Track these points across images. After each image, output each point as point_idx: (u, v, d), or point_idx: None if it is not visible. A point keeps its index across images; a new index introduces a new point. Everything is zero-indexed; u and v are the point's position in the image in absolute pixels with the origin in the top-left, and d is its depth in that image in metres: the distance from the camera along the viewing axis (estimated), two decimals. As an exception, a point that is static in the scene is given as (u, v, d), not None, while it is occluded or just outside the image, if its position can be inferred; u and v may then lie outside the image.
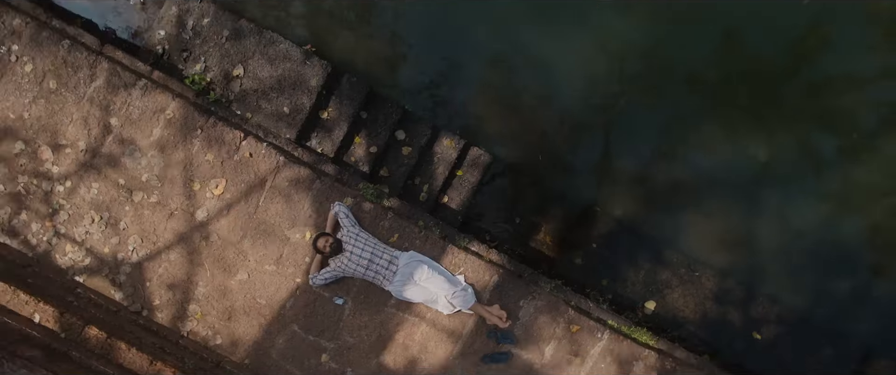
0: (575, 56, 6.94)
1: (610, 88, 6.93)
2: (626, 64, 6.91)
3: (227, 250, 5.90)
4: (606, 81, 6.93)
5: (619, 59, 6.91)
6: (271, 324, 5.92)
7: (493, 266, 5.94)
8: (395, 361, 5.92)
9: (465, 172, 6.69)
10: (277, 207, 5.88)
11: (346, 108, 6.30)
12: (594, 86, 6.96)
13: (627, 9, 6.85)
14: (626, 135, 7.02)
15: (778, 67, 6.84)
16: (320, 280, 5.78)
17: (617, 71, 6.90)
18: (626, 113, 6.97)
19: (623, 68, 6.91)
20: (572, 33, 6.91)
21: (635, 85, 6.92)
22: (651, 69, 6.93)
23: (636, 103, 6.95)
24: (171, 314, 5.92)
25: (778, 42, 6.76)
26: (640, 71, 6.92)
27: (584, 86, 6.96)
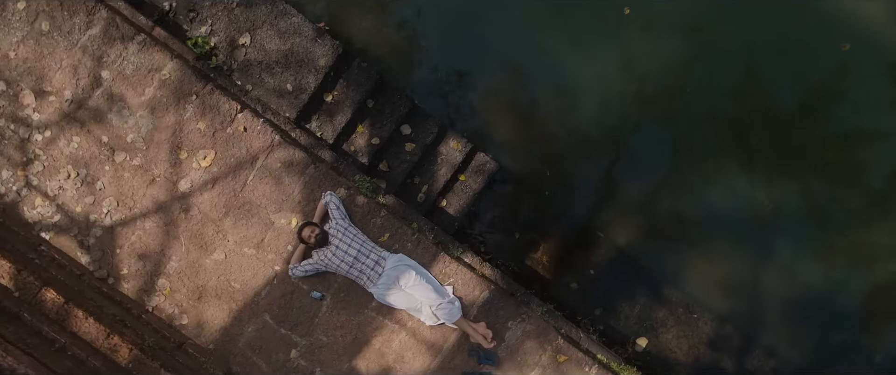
0: (595, 72, 6.56)
1: (624, 110, 6.56)
2: (644, 86, 6.54)
3: (207, 226, 5.48)
4: (622, 102, 6.56)
5: (638, 81, 6.55)
6: (243, 311, 5.49)
7: (485, 280, 5.52)
8: (368, 367, 5.50)
9: (469, 178, 6.27)
10: (265, 188, 5.46)
11: (352, 94, 5.88)
12: (610, 106, 6.57)
13: (655, 30, 6.48)
14: (636, 160, 6.64)
15: (794, 112, 6.53)
16: (300, 271, 5.36)
17: (634, 93, 6.53)
18: (638, 137, 6.61)
19: (640, 90, 6.54)
20: (596, 48, 6.52)
21: (650, 109, 6.56)
22: (668, 95, 6.58)
23: (648, 128, 6.59)
24: (138, 285, 5.49)
25: (798, 86, 6.46)
26: (656, 95, 6.56)
27: (599, 104, 6.58)
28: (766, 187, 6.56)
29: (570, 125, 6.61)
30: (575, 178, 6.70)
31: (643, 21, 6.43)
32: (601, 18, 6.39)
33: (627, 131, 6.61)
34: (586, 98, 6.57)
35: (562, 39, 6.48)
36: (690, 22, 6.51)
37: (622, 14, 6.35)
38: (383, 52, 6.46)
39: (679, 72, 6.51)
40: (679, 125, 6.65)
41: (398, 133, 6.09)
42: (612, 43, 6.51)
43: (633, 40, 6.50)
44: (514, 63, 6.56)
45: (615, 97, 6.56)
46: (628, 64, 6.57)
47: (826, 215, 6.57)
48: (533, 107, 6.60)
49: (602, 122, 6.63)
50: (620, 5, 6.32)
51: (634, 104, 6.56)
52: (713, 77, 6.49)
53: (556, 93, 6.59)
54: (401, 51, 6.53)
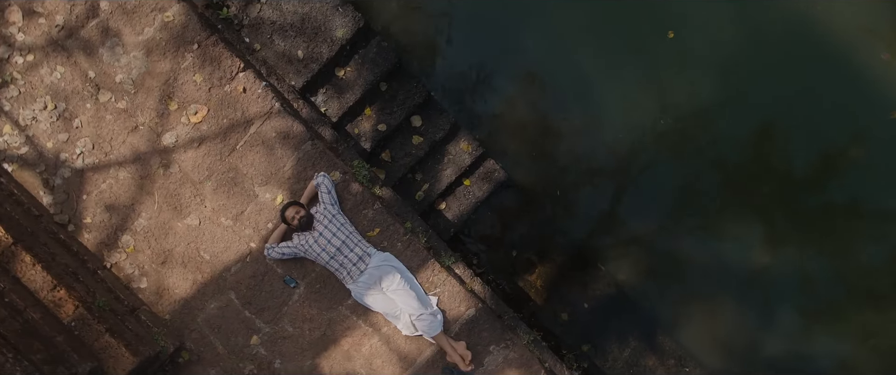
0: (622, 95, 6.06)
1: (641, 141, 6.08)
2: (665, 120, 6.07)
3: (185, 187, 4.96)
4: (641, 132, 6.08)
5: (660, 112, 6.06)
6: (208, 285, 4.97)
7: (474, 297, 5.01)
8: (332, 368, 4.98)
9: (474, 183, 5.77)
10: (255, 157, 4.94)
11: (366, 73, 5.36)
12: (628, 134, 6.09)
13: (693, 61, 5.98)
14: (641, 195, 6.17)
15: (805, 176, 6.09)
16: (277, 253, 4.85)
17: (653, 125, 6.06)
18: (648, 172, 6.14)
19: (660, 124, 6.06)
20: (629, 70, 6.03)
21: (664, 145, 6.08)
22: (685, 135, 6.10)
23: (659, 164, 6.13)
24: (99, 238, 4.96)
25: (813, 150, 6.03)
26: (674, 132, 6.08)
27: (620, 129, 6.09)
28: (763, 245, 6.19)
29: (586, 147, 6.13)
30: (583, 204, 6.21)
31: (683, 49, 5.94)
32: (642, 39, 5.89)
33: (639, 164, 6.14)
34: (608, 121, 6.08)
35: (596, 55, 5.98)
36: (729, 60, 6.04)
37: (665, 38, 5.86)
38: (406, 36, 5.94)
39: (702, 112, 6.05)
40: (689, 167, 6.20)
41: (407, 123, 5.58)
42: (646, 67, 6.02)
43: (668, 67, 6.01)
44: (541, 72, 6.05)
45: (635, 125, 6.09)
46: (657, 92, 6.09)
47: (818, 284, 6.18)
48: (552, 122, 6.10)
49: (617, 150, 6.14)
50: (666, 29, 5.83)
51: (651, 136, 6.09)
52: (734, 125, 6.05)
53: (579, 111, 6.10)
54: (425, 38, 6.01)
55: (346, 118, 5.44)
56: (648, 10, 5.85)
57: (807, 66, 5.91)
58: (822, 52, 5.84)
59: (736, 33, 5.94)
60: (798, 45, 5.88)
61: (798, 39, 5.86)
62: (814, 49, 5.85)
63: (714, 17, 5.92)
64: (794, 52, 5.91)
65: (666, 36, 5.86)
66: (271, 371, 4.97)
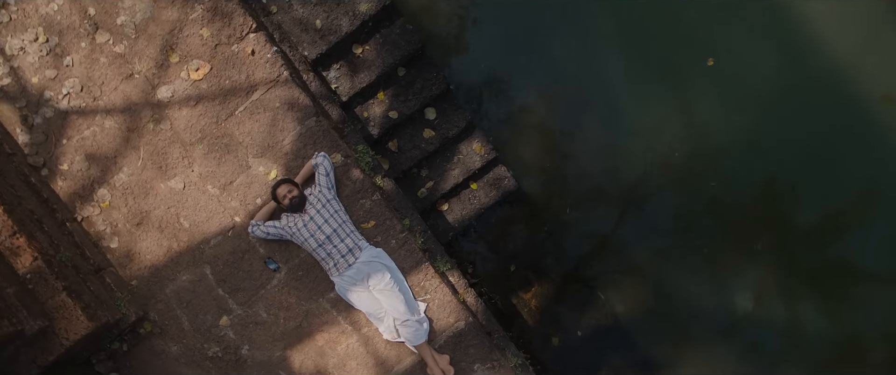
0: (649, 118, 5.66)
1: (654, 167, 5.70)
2: (679, 151, 5.71)
3: (174, 147, 4.54)
4: (655, 159, 5.70)
5: (678, 142, 5.69)
6: (183, 255, 4.55)
7: (465, 309, 4.60)
8: (303, 363, 4.56)
9: (481, 188, 5.36)
10: (254, 126, 4.52)
11: (385, 54, 4.96)
12: (644, 159, 5.70)
13: (728, 93, 5.60)
14: (649, 225, 5.78)
15: (807, 229, 5.75)
16: (261, 231, 4.43)
17: (668, 153, 5.68)
18: (656, 201, 5.75)
19: (673, 155, 5.68)
20: (660, 93, 5.63)
21: (674, 175, 5.71)
22: (697, 170, 5.71)
23: (666, 194, 5.75)
24: (73, 187, 4.54)
25: (820, 205, 5.70)
26: (688, 164, 5.70)
27: (636, 154, 5.70)
28: (753, 294, 5.85)
29: (601, 168, 5.73)
30: (589, 226, 5.79)
31: (721, 79, 5.55)
32: (681, 63, 5.50)
33: (648, 193, 5.75)
34: (627, 144, 5.69)
35: (627, 73, 5.59)
36: (757, 100, 5.67)
37: (704, 65, 5.47)
38: (433, 23, 5.53)
39: (717, 148, 5.69)
40: (695, 203, 5.83)
41: (421, 114, 5.17)
42: (680, 92, 5.63)
43: (701, 96, 5.62)
44: (567, 84, 5.66)
45: (652, 152, 5.71)
46: (684, 120, 5.71)
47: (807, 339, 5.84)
48: (570, 136, 5.70)
49: (631, 175, 5.75)
50: (706, 56, 5.44)
51: (663, 166, 5.71)
52: (744, 166, 5.69)
53: (600, 129, 5.70)
54: (452, 29, 5.60)
55: (357, 99, 5.03)
56: (692, 34, 5.46)
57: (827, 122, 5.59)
58: (844, 111, 5.56)
59: (771, 75, 5.59)
60: (823, 99, 5.57)
61: (824, 95, 5.57)
62: (837, 106, 5.57)
63: (757, 54, 5.56)
64: (819, 106, 5.60)
65: (705, 63, 5.47)
66: (237, 356, 4.55)
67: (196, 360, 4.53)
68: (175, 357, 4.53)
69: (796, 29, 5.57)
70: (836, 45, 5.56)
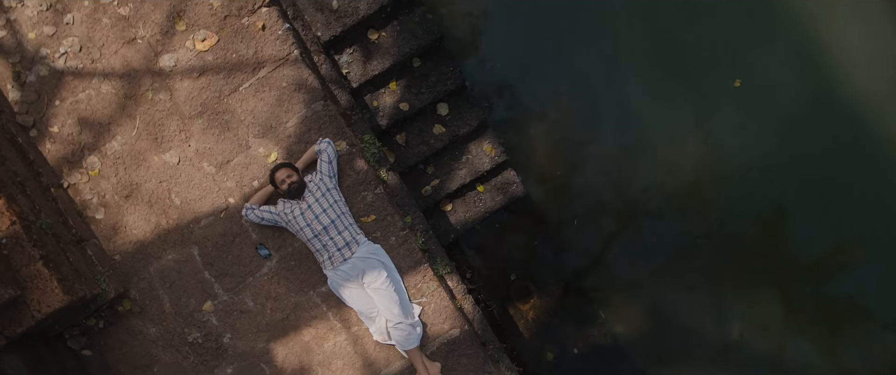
0: (663, 137, 5.43)
1: (667, 185, 5.47)
2: (691, 168, 5.46)
3: (172, 119, 4.28)
4: (667, 178, 5.48)
5: (692, 161, 5.46)
6: (171, 232, 4.29)
7: (461, 317, 4.34)
8: (286, 358, 4.31)
9: (487, 192, 5.11)
10: (257, 105, 4.27)
11: (402, 43, 4.70)
12: (656, 177, 5.47)
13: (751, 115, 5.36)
14: (656, 245, 5.55)
15: (809, 263, 5.53)
16: (255, 216, 4.17)
17: (679, 171, 5.45)
18: (664, 221, 5.53)
19: (684, 171, 5.45)
20: (681, 111, 5.39)
21: (679, 195, 5.49)
22: (703, 192, 5.50)
23: (671, 213, 5.54)
24: (62, 152, 4.28)
25: (820, 240, 5.48)
26: (693, 183, 5.48)
27: (650, 172, 5.47)
28: (744, 322, 5.65)
29: (613, 182, 5.49)
30: (595, 241, 5.54)
31: (745, 102, 5.31)
32: (707, 80, 5.25)
33: (658, 211, 5.52)
34: (642, 160, 5.45)
35: (650, 87, 5.35)
36: (786, 126, 5.44)
37: (731, 85, 5.23)
38: (454, 16, 5.29)
39: (735, 173, 5.45)
40: (701, 226, 5.60)
41: (433, 109, 4.92)
42: (701, 110, 5.38)
43: (722, 117, 5.38)
44: (587, 92, 5.41)
45: (667, 169, 5.48)
46: (701, 139, 5.47)
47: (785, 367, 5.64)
48: (584, 147, 5.46)
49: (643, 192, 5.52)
50: (735, 76, 5.21)
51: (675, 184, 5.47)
52: (756, 196, 5.47)
53: (616, 142, 5.45)
54: (474, 24, 5.36)
55: (368, 87, 4.77)
56: (723, 52, 5.23)
57: (842, 158, 5.38)
58: (861, 149, 5.35)
59: (795, 105, 5.37)
60: (842, 136, 5.36)
61: (844, 131, 5.35)
62: (855, 145, 5.36)
63: (785, 82, 5.32)
64: (836, 142, 5.39)
65: (732, 83, 5.23)
66: (218, 344, 4.29)
67: (175, 345, 4.28)
68: (153, 340, 4.28)
69: (828, 61, 5.36)
70: (863, 83, 5.36)
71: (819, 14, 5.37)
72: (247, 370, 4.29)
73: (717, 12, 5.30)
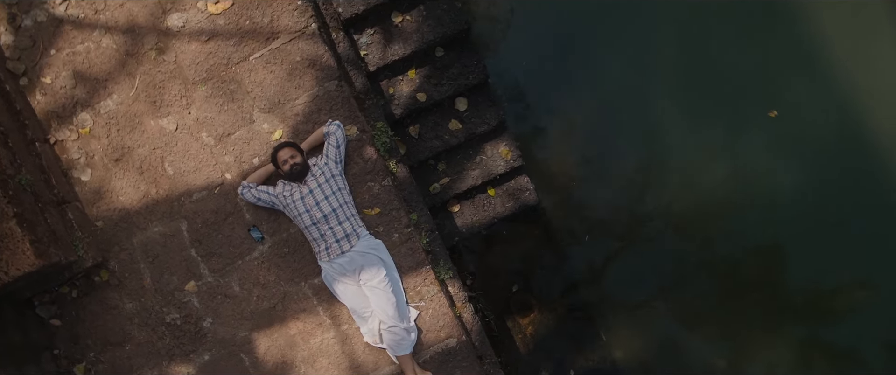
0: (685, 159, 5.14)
1: (681, 206, 5.18)
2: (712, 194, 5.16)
3: (174, 83, 3.97)
4: (683, 199, 5.19)
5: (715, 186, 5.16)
6: (160, 204, 3.97)
7: (459, 326, 4.03)
8: (268, 350, 3.99)
9: (498, 196, 4.80)
10: (266, 77, 3.95)
11: (426, 30, 4.39)
12: (675, 199, 5.18)
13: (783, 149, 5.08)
14: (661, 267, 5.24)
15: (800, 303, 5.25)
16: (252, 195, 3.86)
17: (699, 196, 5.17)
18: (674, 244, 5.22)
19: (704, 196, 5.17)
20: (709, 137, 5.11)
21: (684, 221, 5.19)
22: (713, 218, 5.21)
23: (687, 238, 5.23)
24: (52, 105, 3.96)
25: (815, 281, 5.20)
26: (704, 211, 5.18)
27: (668, 194, 5.18)
28: (731, 354, 5.35)
29: (629, 200, 5.19)
30: (605, 260, 5.25)
31: (778, 133, 5.02)
32: (740, 109, 4.96)
33: (667, 233, 5.22)
34: (662, 179, 5.16)
35: (680, 107, 5.05)
36: (815, 164, 5.15)
37: (765, 115, 4.94)
38: (485, 8, 4.98)
39: (756, 203, 5.16)
40: (709, 253, 5.32)
41: (451, 103, 4.60)
42: (731, 136, 5.09)
43: (751, 145, 5.09)
44: (613, 105, 5.10)
45: (689, 193, 5.18)
46: (726, 165, 5.17)
47: None
48: (604, 162, 5.15)
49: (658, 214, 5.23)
50: (772, 105, 4.92)
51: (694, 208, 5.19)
52: (770, 229, 5.17)
53: (637, 159, 5.15)
54: (503, 20, 5.06)
55: (385, 72, 4.46)
56: (764, 80, 4.94)
57: (861, 204, 5.10)
58: (882, 196, 5.09)
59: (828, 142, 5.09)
60: (867, 183, 5.09)
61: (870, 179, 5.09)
62: (877, 193, 5.10)
63: (822, 118, 5.04)
64: (859, 188, 5.12)
65: (767, 113, 4.94)
66: (197, 328, 3.97)
67: (150, 324, 3.95)
68: (128, 316, 3.95)
69: (862, 104, 5.08)
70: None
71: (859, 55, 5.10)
72: (225, 358, 3.97)
73: (759, 39, 5.01)
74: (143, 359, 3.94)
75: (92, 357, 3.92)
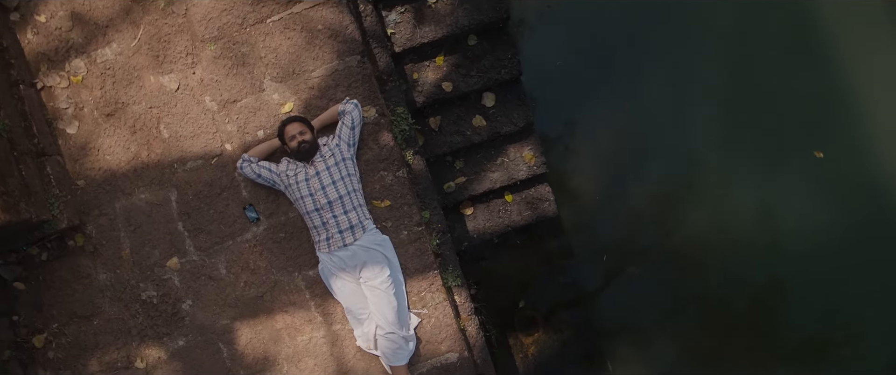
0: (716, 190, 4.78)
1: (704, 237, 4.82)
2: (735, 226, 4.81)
3: (181, 38, 3.57)
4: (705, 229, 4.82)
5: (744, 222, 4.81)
6: (150, 168, 3.57)
7: (462, 340, 3.63)
8: (250, 343, 3.58)
9: (516, 203, 4.40)
10: (283, 43, 3.56)
11: (462, 14, 4.00)
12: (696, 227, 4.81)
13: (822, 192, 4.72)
14: (678, 298, 4.89)
15: (792, 346, 4.92)
16: (251, 170, 3.46)
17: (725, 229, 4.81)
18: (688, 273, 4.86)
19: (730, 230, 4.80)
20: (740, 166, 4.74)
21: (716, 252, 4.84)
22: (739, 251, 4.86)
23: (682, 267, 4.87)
24: (44, 46, 3.55)
25: (808, 325, 4.88)
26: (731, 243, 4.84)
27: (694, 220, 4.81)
28: None
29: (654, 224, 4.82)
30: (620, 284, 4.86)
31: (820, 175, 4.66)
32: (788, 143, 4.60)
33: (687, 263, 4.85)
34: (693, 207, 4.78)
35: (720, 136, 4.70)
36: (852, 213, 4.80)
37: (810, 155, 4.57)
38: (525, 2, 4.61)
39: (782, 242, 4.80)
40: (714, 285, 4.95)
41: (478, 97, 4.21)
42: (769, 173, 4.72)
43: (790, 185, 4.72)
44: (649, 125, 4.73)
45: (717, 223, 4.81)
46: (758, 202, 4.80)
47: None
48: (631, 182, 4.77)
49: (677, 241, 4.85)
50: (819, 146, 4.56)
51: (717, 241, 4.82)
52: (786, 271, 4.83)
53: (666, 182, 4.78)
54: (545, 14, 4.68)
55: (411, 55, 4.06)
56: (810, 117, 4.59)
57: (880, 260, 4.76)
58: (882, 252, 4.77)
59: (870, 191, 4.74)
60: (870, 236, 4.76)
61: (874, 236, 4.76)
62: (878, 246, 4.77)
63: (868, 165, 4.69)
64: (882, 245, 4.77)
65: (812, 153, 4.58)
66: (175, 310, 3.56)
67: (124, 299, 3.55)
68: (100, 288, 3.54)
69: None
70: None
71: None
72: (201, 346, 3.56)
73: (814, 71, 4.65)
74: (111, 337, 3.53)
75: (54, 329, 3.51)
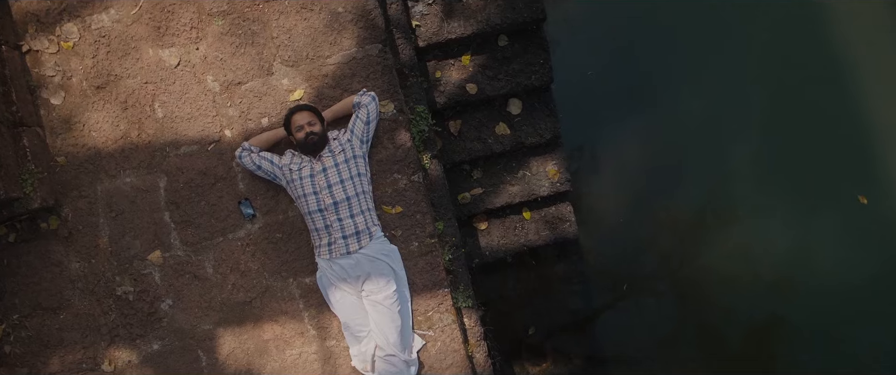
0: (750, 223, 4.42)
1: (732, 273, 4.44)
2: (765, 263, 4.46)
3: (186, 9, 3.21)
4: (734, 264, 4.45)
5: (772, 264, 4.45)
6: (140, 150, 3.19)
7: (469, 368, 3.22)
8: (232, 353, 3.18)
9: (534, 221, 4.02)
10: (298, 24, 3.20)
11: (494, 11, 3.64)
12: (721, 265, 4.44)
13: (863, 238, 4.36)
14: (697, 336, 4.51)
15: None
16: (251, 161, 3.08)
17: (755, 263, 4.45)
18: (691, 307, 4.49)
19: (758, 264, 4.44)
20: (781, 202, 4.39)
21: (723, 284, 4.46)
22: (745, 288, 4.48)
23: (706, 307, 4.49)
24: (34, 6, 3.18)
25: None
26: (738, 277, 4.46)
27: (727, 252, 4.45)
28: None
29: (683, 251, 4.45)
30: (640, 317, 4.47)
31: (861, 221, 4.30)
32: (831, 185, 4.25)
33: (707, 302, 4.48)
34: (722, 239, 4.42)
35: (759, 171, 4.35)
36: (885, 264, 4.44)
37: (854, 199, 4.22)
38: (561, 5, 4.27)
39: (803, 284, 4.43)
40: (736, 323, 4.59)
41: (503, 103, 3.85)
42: (806, 215, 4.36)
43: (827, 229, 4.36)
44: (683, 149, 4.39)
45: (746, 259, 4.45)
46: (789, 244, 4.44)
47: None
48: (658, 211, 4.41)
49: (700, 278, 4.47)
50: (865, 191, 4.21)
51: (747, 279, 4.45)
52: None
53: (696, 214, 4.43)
54: (580, 21, 4.35)
55: (436, 51, 3.70)
56: (856, 159, 4.25)
57: None
58: None
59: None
60: None
61: None
62: None
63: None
64: None
65: (857, 197, 4.22)
66: (152, 309, 3.17)
67: (97, 293, 3.15)
68: (71, 278, 3.15)
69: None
70: None
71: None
72: (178, 352, 3.16)
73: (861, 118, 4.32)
74: (78, 334, 3.14)
75: (14, 320, 3.11)
